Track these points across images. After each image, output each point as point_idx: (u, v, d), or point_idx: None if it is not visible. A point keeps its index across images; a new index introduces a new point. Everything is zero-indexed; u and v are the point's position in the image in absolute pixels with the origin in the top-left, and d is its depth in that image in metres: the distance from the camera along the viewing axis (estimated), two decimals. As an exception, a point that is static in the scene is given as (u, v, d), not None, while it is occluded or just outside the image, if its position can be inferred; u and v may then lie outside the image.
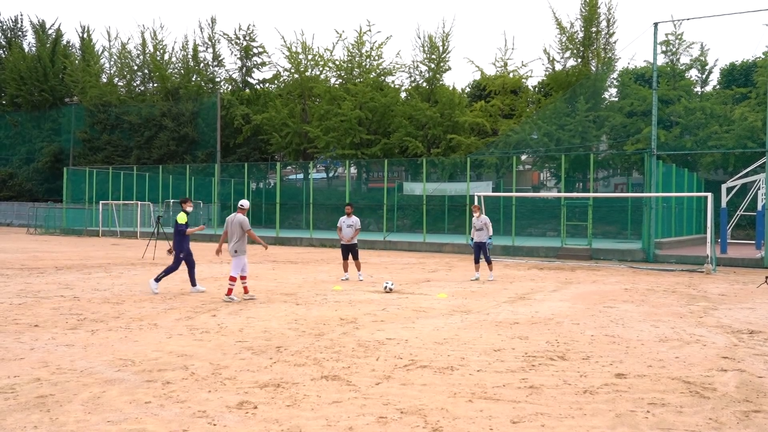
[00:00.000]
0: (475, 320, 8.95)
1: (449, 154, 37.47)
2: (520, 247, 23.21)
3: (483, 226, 14.36)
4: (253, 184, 46.75)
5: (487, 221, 14.41)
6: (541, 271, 17.07)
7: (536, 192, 41.91)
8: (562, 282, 14.44)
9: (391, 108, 40.02)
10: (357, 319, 8.92)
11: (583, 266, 18.97)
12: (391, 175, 43.73)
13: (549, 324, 8.74)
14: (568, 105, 34.16)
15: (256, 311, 9.48)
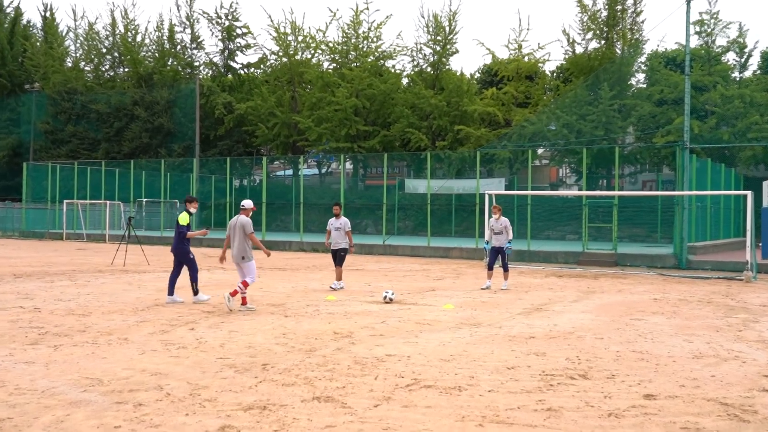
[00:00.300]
0: (485, 334, 8.95)
1: (457, 147, 37.50)
2: (536, 252, 23.20)
3: (503, 229, 14.41)
4: (236, 182, 46.77)
5: (507, 224, 14.50)
6: (560, 279, 17.07)
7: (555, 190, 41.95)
8: (583, 291, 14.44)
9: (391, 96, 40.04)
10: (353, 333, 8.91)
11: (607, 273, 18.96)
12: (391, 171, 43.81)
13: (569, 338, 8.73)
14: (590, 92, 34.19)
15: (239, 324, 9.47)
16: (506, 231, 14.44)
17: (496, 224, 14.48)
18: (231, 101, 44.07)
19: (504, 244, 14.42)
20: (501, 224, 14.44)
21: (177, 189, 40.73)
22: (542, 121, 33.43)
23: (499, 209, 14.61)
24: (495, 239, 14.51)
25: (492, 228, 14.58)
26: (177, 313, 10.37)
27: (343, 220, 14.01)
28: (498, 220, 14.45)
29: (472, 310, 11.29)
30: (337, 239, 13.92)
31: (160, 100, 45.42)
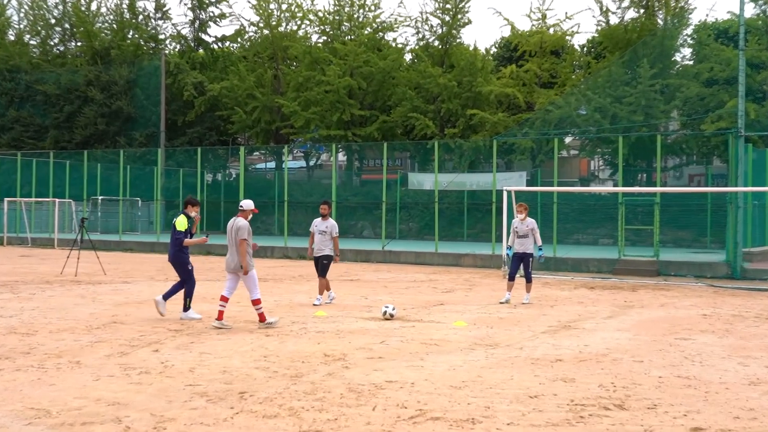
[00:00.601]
0: (504, 356, 8.94)
1: (469, 135, 37.51)
2: (563, 260, 23.20)
3: (529, 232, 14.26)
4: (209, 176, 46.78)
5: (534, 226, 14.38)
6: (592, 292, 17.07)
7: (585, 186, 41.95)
8: (619, 306, 14.44)
9: (391, 75, 40.06)
10: (347, 355, 8.90)
11: (647, 285, 18.96)
12: (391, 163, 43.86)
13: (603, 362, 8.73)
14: (626, 70, 34.20)
15: (212, 345, 9.47)
16: (533, 234, 14.32)
17: (521, 226, 14.36)
18: (202, 81, 44.09)
19: (529, 249, 14.32)
20: (527, 226, 14.29)
21: (138, 184, 40.75)
22: (570, 104, 33.44)
23: (525, 208, 14.51)
24: (519, 244, 14.39)
25: (516, 230, 14.46)
26: (138, 332, 10.36)
27: (330, 222, 13.80)
28: (523, 222, 14.35)
29: (487, 327, 11.28)
30: (320, 245, 13.65)
31: (119, 79, 45.42)
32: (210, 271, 21.45)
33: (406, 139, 41.64)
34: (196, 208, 12.15)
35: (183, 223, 11.89)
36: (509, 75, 37.84)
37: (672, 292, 17.08)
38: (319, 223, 13.79)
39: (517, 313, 13.02)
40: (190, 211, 12.09)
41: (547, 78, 38.54)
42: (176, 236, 11.80)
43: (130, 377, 7.63)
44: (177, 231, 11.80)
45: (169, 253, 12.01)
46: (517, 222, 14.48)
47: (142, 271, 21.07)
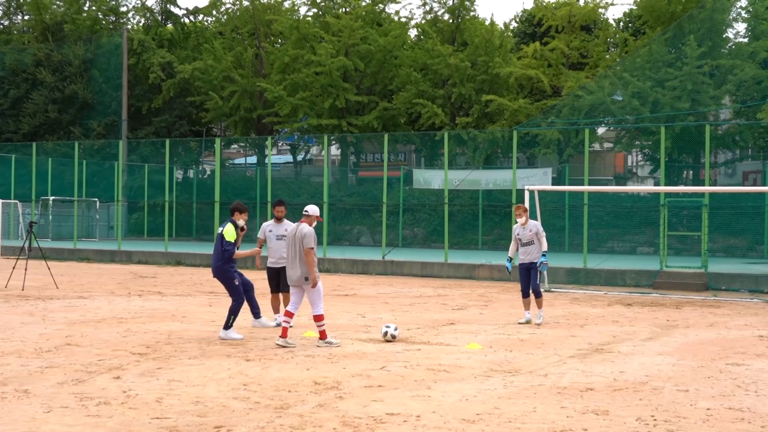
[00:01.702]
0: (525, 385, 8.95)
1: (485, 125, 37.53)
2: (595, 272, 23.19)
3: (532, 237, 14.13)
4: (179, 173, 46.82)
5: (538, 229, 14.20)
6: (629, 309, 17.07)
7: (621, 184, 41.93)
8: (661, 326, 14.45)
9: (393, 54, 40.10)
10: (341, 383, 8.91)
11: (694, 301, 18.95)
12: (393, 158, 43.87)
13: (641, 391, 8.74)
14: (670, 49, 34.22)
15: (182, 371, 9.47)
16: (538, 240, 14.16)
17: (523, 232, 14.22)
18: (171, 61, 44.14)
19: (536, 258, 14.15)
20: (530, 231, 14.16)
21: (97, 183, 40.79)
22: (604, 88, 33.48)
23: (525, 210, 14.30)
24: (523, 253, 14.23)
25: (518, 237, 14.30)
26: (97, 356, 10.37)
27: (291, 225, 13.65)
28: (525, 226, 14.21)
29: (506, 351, 11.29)
30: (282, 253, 13.21)
31: (73, 59, 45.48)
32: (180, 284, 21.47)
33: (410, 129, 41.61)
34: (245, 215, 12.40)
35: (232, 232, 12.08)
36: (532, 54, 37.87)
37: (723, 310, 17.07)
38: (275, 227, 13.57)
39: (540, 334, 13.02)
40: (238, 218, 12.30)
41: (576, 58, 38.55)
42: (225, 248, 12.01)
43: (86, 409, 7.64)
44: (226, 242, 12.02)
45: (213, 267, 12.26)
46: (518, 228, 14.33)
47: (100, 284, 21.08)
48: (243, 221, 12.40)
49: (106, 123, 44.96)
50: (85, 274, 24.66)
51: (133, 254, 29.90)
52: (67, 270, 25.68)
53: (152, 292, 19.28)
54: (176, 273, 25.41)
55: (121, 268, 26.91)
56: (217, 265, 12.21)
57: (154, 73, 43.44)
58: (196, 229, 42.11)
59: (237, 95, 41.99)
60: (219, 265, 12.16)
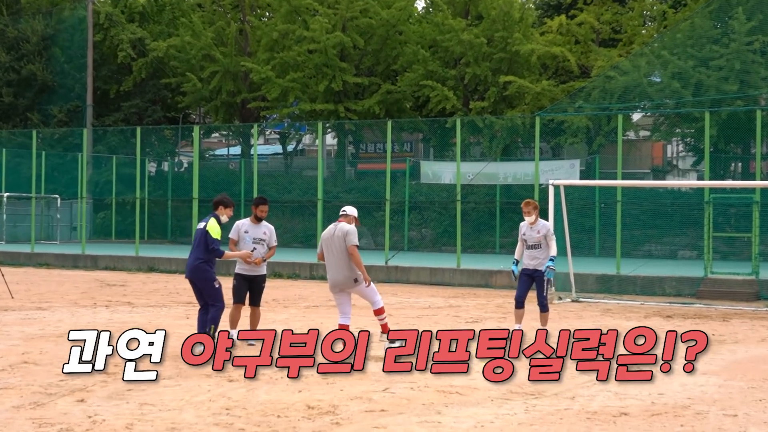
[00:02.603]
0: (549, 409, 8.93)
1: (504, 110, 37.50)
2: (630, 279, 23.18)
3: (541, 240, 13.88)
4: (152, 166, 46.80)
5: (548, 231, 13.99)
6: (669, 322, 17.05)
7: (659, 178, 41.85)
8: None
9: (398, 29, 40.05)
10: (338, 407, 8.90)
11: (743, 312, 18.93)
12: (398, 148, 43.84)
13: (683, 416, 8.72)
14: (715, 23, 34.15)
15: (156, 393, 9.47)
16: (547, 242, 13.94)
17: (531, 232, 13.99)
18: (143, 38, 44.13)
19: (543, 264, 13.87)
20: (538, 232, 13.93)
21: (57, 177, 40.79)
22: (640, 68, 33.42)
23: (535, 207, 14.02)
24: (528, 257, 14.05)
25: (524, 238, 14.12)
26: (58, 376, 10.36)
27: (269, 228, 13.51)
28: (533, 226, 14.00)
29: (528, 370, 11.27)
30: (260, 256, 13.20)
31: (31, 36, 45.50)
32: (153, 293, 21.48)
33: (417, 115, 41.58)
34: (230, 210, 12.50)
35: (217, 229, 12.15)
36: (557, 29, 37.83)
37: (777, 323, 17.04)
38: (252, 228, 13.34)
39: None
40: (222, 213, 12.37)
41: (608, 33, 38.48)
42: (213, 246, 12.05)
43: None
44: (212, 239, 12.06)
45: (190, 266, 12.16)
46: (525, 227, 14.12)
47: (61, 293, 21.08)
48: (227, 217, 12.42)
49: (69, 108, 44.96)
50: (44, 281, 24.67)
51: (99, 259, 29.90)
52: (23, 277, 25.69)
53: (121, 302, 19.28)
54: (148, 280, 25.42)
55: (86, 275, 26.92)
56: (195, 264, 12.13)
57: (124, 51, 43.45)
58: (172, 231, 42.12)
59: (218, 76, 41.97)
60: (198, 265, 12.11)
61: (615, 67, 34.21)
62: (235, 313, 13.22)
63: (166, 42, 42.75)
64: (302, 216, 40.50)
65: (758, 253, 22.99)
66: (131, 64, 44.02)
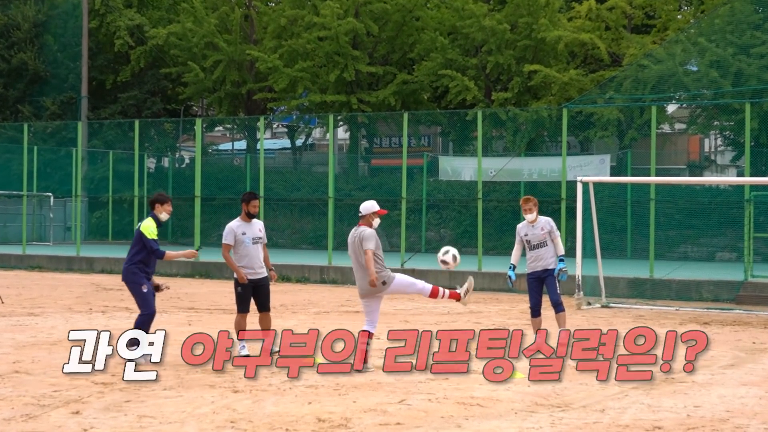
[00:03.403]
0: (578, 422, 8.93)
1: (528, 102, 37.44)
2: (664, 283, 23.12)
3: (545, 238, 13.61)
4: (151, 161, 46.90)
5: (551, 227, 13.69)
6: (706, 329, 17.00)
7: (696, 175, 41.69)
8: (746, 349, 14.42)
9: (415, 14, 40.02)
10: (350, 419, 8.92)
11: (787, 319, 18.87)
12: (414, 143, 43.81)
13: (721, 430, 8.71)
14: (757, 8, 34.02)
15: (156, 405, 9.50)
16: (552, 239, 13.68)
17: (533, 231, 13.67)
18: (142, 24, 44.21)
19: (550, 263, 13.62)
20: (541, 229, 13.64)
21: (51, 173, 40.94)
22: (675, 56, 33.34)
23: (535, 203, 13.73)
24: (533, 258, 13.74)
25: (525, 238, 13.81)
26: (51, 386, 10.41)
27: (261, 224, 13.37)
28: (534, 224, 13.71)
29: (554, 380, 11.27)
30: (257, 260, 13.04)
31: (22, 23, 45.66)
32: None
33: (435, 107, 41.53)
34: (168, 206, 12.55)
35: (153, 229, 12.24)
36: (586, 14, 37.71)
37: (823, 330, 17.00)
38: (248, 227, 13.06)
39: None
40: (160, 211, 12.45)
41: (641, 19, 38.36)
42: (153, 248, 12.19)
43: (39, 450, 7.68)
44: (146, 239, 12.16)
45: (123, 269, 12.41)
46: (524, 227, 13.77)
47: (55, 298, 21.17)
48: (167, 215, 12.48)
49: (62, 100, 45.07)
50: (36, 285, 24.77)
51: (95, 261, 29.99)
52: (14, 281, 25.79)
53: (119, 307, 19.34)
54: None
55: (81, 279, 27.00)
56: (125, 267, 12.31)
57: (121, 39, 43.51)
58: (172, 231, 42.17)
59: (222, 66, 41.99)
60: (127, 267, 12.27)
61: (648, 55, 34.10)
62: (242, 322, 13.04)
63: (166, 29, 42.77)
64: (312, 215, 40.50)
65: (803, 256, 22.93)
66: (129, 52, 44.07)
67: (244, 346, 12.83)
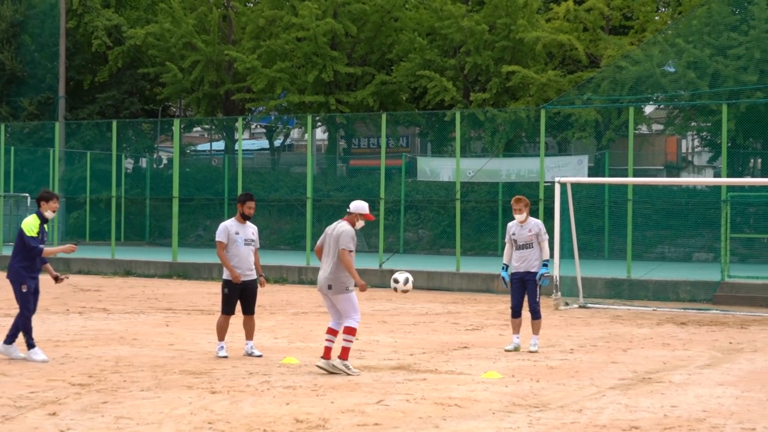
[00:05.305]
0: (555, 422, 8.95)
1: (507, 103, 37.49)
2: (641, 283, 23.20)
3: (532, 239, 13.69)
4: (129, 162, 46.71)
5: (539, 230, 13.75)
6: (683, 329, 17.07)
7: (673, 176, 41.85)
8: (722, 349, 14.47)
9: (393, 15, 40.03)
10: (328, 420, 8.91)
11: (763, 319, 18.96)
12: (393, 143, 43.80)
13: (697, 430, 8.73)
14: (734, 9, 34.16)
15: (133, 406, 9.46)
16: (538, 242, 13.75)
17: (521, 231, 13.77)
18: (120, 24, 44.03)
19: (534, 266, 13.70)
20: (529, 231, 13.72)
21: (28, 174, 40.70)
22: (653, 57, 33.45)
23: (526, 204, 13.81)
24: (518, 258, 13.81)
25: (514, 238, 13.89)
26: (28, 387, 10.35)
27: (255, 228, 13.36)
28: (524, 224, 13.80)
29: (532, 381, 11.29)
30: (248, 263, 13.04)
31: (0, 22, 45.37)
32: (130, 299, 21.45)
33: (414, 108, 41.52)
34: (53, 204, 12.40)
35: (33, 226, 12.15)
36: (564, 15, 37.80)
37: (799, 330, 17.07)
38: (242, 228, 13.09)
39: (574, 360, 13.02)
40: (45, 209, 12.32)
41: (618, 20, 38.47)
42: (31, 245, 12.12)
43: (15, 452, 7.64)
44: (25, 236, 12.11)
45: (8, 267, 12.39)
46: (514, 226, 13.86)
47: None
48: (52, 212, 12.40)
49: (40, 100, 44.84)
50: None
51: (72, 262, 29.83)
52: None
53: (96, 308, 19.25)
54: (125, 285, 25.38)
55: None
56: (10, 264, 12.28)
57: (99, 39, 43.31)
58: (150, 232, 42.03)
59: (200, 66, 41.88)
60: (11, 265, 12.25)
61: (626, 57, 34.20)
62: (224, 323, 12.98)
63: (144, 29, 42.61)
64: (290, 216, 40.44)
65: (779, 256, 23.04)
66: (107, 52, 43.88)
67: (222, 347, 12.94)
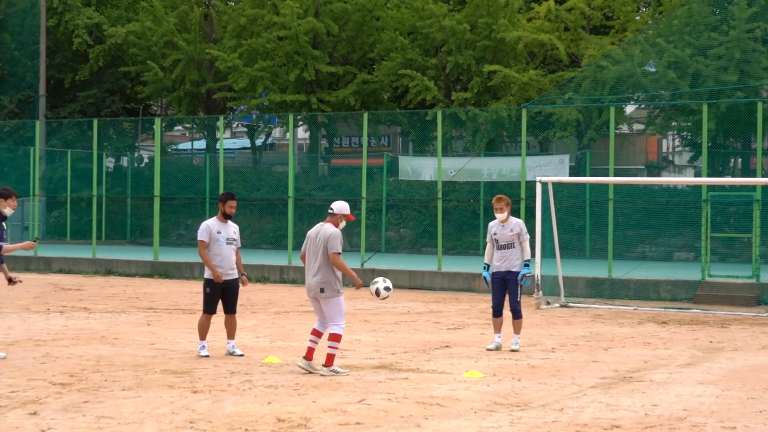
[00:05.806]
0: (536, 422, 8.97)
1: (488, 102, 37.51)
2: (622, 282, 23.25)
3: (513, 239, 13.72)
4: (110, 161, 46.52)
5: (521, 230, 13.77)
6: (664, 328, 17.12)
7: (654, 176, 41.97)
8: (703, 348, 14.53)
9: (375, 14, 39.98)
10: (310, 419, 8.90)
11: (743, 318, 19.03)
12: (375, 142, 43.78)
13: (678, 428, 8.77)
14: (714, 9, 34.26)
15: (114, 405, 9.44)
16: (519, 242, 13.76)
17: (503, 230, 13.79)
18: (100, 23, 43.85)
19: (515, 266, 13.74)
20: (510, 231, 13.74)
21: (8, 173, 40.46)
22: (633, 57, 33.53)
23: (507, 203, 13.82)
24: (499, 258, 13.85)
25: (495, 238, 13.90)
26: (8, 386, 10.31)
27: (236, 227, 13.34)
28: (505, 224, 13.81)
29: (513, 380, 11.31)
30: (230, 262, 13.04)
31: (-21, 20, 45.17)
32: (111, 298, 21.37)
33: (395, 107, 41.49)
34: (12, 201, 12.49)
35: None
36: (545, 15, 37.84)
37: (778, 329, 17.14)
38: (223, 227, 13.09)
39: (555, 360, 13.05)
40: (4, 206, 12.38)
41: (599, 20, 38.54)
42: None
43: (-5, 452, 7.61)
44: None
45: None
46: (495, 226, 13.87)
47: (12, 298, 20.93)
48: (11, 209, 12.47)
49: (20, 99, 44.62)
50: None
51: (52, 261, 29.71)
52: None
53: (77, 308, 19.18)
54: (106, 284, 25.29)
55: (39, 279, 26.74)
56: None
57: (80, 37, 43.11)
58: (131, 231, 41.89)
59: (181, 65, 41.74)
60: None
61: (607, 56, 34.27)
62: (206, 322, 12.97)
63: (125, 28, 42.42)
64: (272, 215, 40.35)
65: (759, 255, 23.07)
66: (87, 51, 43.65)
67: (204, 346, 12.92)
